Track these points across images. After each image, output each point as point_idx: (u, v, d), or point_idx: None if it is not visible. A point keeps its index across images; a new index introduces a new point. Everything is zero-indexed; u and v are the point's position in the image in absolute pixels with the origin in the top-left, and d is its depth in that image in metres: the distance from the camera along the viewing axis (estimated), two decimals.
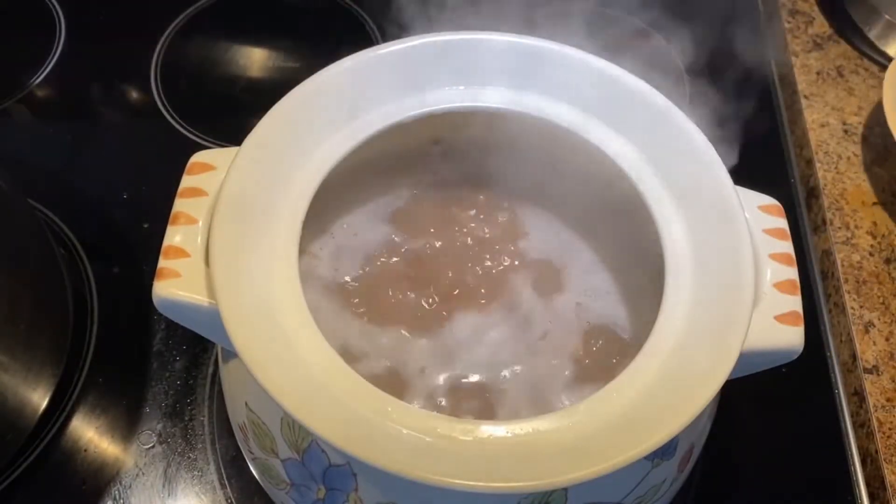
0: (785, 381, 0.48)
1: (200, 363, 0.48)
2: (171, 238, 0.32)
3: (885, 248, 0.54)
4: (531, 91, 0.37)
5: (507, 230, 0.44)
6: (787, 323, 0.31)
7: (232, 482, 0.44)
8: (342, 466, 0.31)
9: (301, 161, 0.34)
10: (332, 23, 0.65)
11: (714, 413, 0.37)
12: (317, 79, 0.36)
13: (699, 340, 0.30)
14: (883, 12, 0.64)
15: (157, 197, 0.48)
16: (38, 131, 0.58)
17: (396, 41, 0.37)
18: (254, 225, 0.32)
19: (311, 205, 0.33)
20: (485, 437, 0.28)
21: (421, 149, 0.39)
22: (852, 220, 0.55)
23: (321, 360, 0.29)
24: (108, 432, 0.45)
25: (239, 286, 0.30)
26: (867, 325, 0.50)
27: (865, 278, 0.52)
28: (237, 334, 0.29)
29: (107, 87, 0.61)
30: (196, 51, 0.63)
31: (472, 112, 0.37)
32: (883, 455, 0.46)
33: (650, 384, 0.29)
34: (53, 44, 0.62)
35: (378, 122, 0.36)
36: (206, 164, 0.34)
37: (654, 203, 0.34)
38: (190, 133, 0.58)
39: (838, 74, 0.63)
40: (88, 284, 0.50)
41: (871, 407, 0.47)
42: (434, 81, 0.37)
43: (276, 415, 0.32)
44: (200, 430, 0.45)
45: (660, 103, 0.36)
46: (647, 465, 0.32)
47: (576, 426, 0.28)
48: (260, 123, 0.34)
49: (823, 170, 0.58)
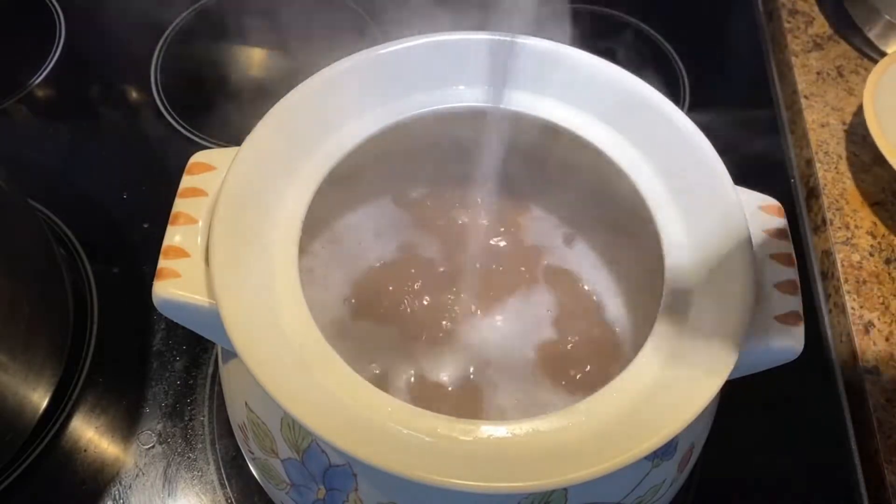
0: (785, 381, 0.48)
1: (200, 363, 0.48)
2: (170, 238, 0.32)
3: (885, 248, 0.54)
4: (531, 91, 0.37)
5: (507, 230, 0.44)
6: (787, 323, 0.31)
7: (232, 482, 0.44)
8: (342, 466, 0.31)
9: (301, 161, 0.34)
10: (333, 23, 0.65)
11: (714, 413, 0.37)
12: (317, 79, 0.36)
13: (699, 340, 0.30)
14: (883, 12, 0.64)
15: (157, 197, 0.48)
16: (38, 131, 0.58)
17: (397, 41, 0.37)
18: (254, 225, 0.32)
19: (311, 205, 0.33)
20: (485, 437, 0.28)
21: (421, 149, 0.39)
22: (852, 220, 0.55)
23: (321, 360, 0.29)
24: (108, 432, 0.45)
25: (239, 286, 0.30)
26: (867, 325, 0.50)
27: (865, 278, 0.52)
28: (237, 334, 0.29)
29: (107, 87, 0.61)
30: (196, 51, 0.63)
31: (471, 112, 0.37)
32: (883, 455, 0.46)
33: (650, 384, 0.29)
34: (53, 44, 0.62)
35: (378, 121, 0.36)
36: (206, 164, 0.34)
37: (654, 203, 0.34)
38: (190, 133, 0.58)
39: (838, 74, 0.63)
40: (88, 284, 0.50)
41: (871, 407, 0.47)
42: (434, 81, 0.37)
43: (276, 415, 0.32)
44: (200, 430, 0.45)
45: (659, 103, 0.36)
46: (647, 465, 0.32)
47: (576, 426, 0.28)
48: (260, 123, 0.34)
49: (823, 170, 0.58)
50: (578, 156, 0.37)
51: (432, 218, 0.44)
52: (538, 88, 0.37)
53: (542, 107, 0.37)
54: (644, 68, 0.38)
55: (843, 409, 0.49)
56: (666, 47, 0.66)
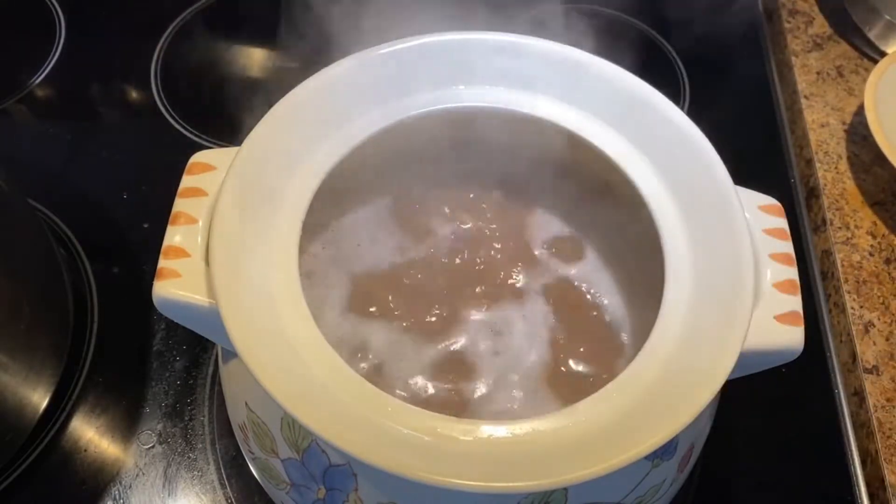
0: (785, 381, 0.48)
1: (200, 363, 0.48)
2: (171, 238, 0.32)
3: (885, 248, 0.54)
4: (531, 91, 0.37)
5: (507, 229, 0.44)
6: (787, 323, 0.31)
7: (232, 482, 0.44)
8: (342, 466, 0.31)
9: (301, 161, 0.34)
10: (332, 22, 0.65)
11: (714, 413, 0.37)
12: (317, 78, 0.36)
13: (699, 340, 0.30)
14: (883, 12, 0.64)
15: (157, 197, 0.48)
16: (38, 131, 0.58)
17: (397, 41, 0.37)
18: (254, 225, 0.32)
19: (311, 205, 0.33)
20: (485, 438, 0.28)
21: (421, 148, 0.39)
22: (852, 220, 0.55)
23: (321, 360, 0.29)
24: (108, 432, 0.45)
25: (239, 286, 0.30)
26: (867, 325, 0.50)
27: (865, 278, 0.52)
28: (237, 334, 0.29)
29: (107, 87, 0.61)
30: (196, 51, 0.63)
31: (471, 112, 0.37)
32: (883, 455, 0.46)
33: (650, 384, 0.29)
34: (53, 44, 0.62)
35: (378, 121, 0.36)
36: (206, 164, 0.34)
37: (653, 203, 0.34)
38: (190, 133, 0.58)
39: (838, 74, 0.63)
40: (88, 284, 0.50)
41: (871, 407, 0.47)
42: (434, 81, 0.37)
43: (276, 415, 0.32)
44: (200, 430, 0.45)
45: (660, 103, 0.36)
46: (647, 465, 0.32)
47: (576, 426, 0.28)
48: (260, 123, 0.34)
49: (823, 170, 0.58)
50: (578, 155, 0.37)
51: (433, 218, 0.44)
52: (538, 88, 0.37)
53: (542, 106, 0.37)
54: (644, 68, 0.38)
55: (843, 409, 0.49)
56: (666, 47, 0.66)
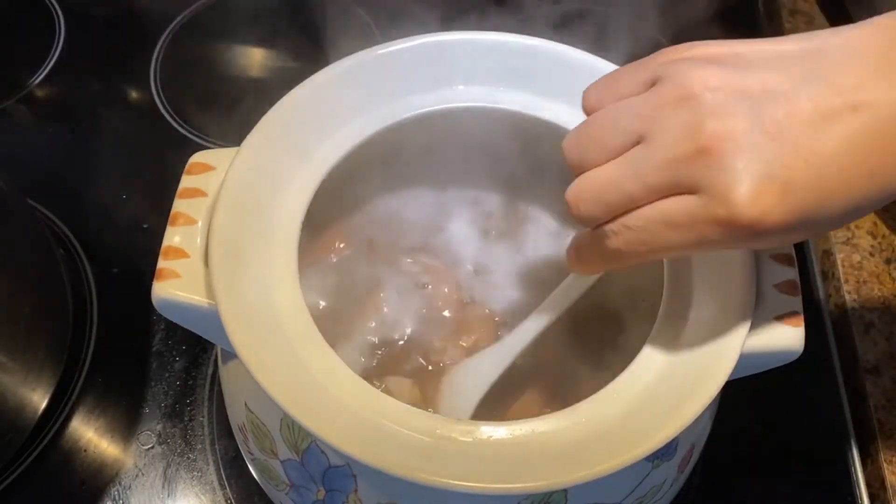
0: (785, 382, 0.48)
1: (200, 363, 0.48)
2: (170, 238, 0.32)
3: (886, 248, 0.54)
4: (529, 90, 0.37)
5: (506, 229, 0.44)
6: (788, 323, 0.31)
7: (232, 482, 0.44)
8: (342, 467, 0.31)
9: (301, 161, 0.34)
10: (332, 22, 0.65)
11: (714, 414, 0.37)
12: (316, 79, 0.36)
13: (699, 341, 0.30)
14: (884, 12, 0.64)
15: (157, 197, 0.48)
16: (38, 131, 0.58)
17: (395, 41, 0.37)
18: (253, 225, 0.32)
19: (310, 205, 0.33)
20: (484, 438, 0.28)
21: (420, 148, 0.39)
22: None
23: (320, 361, 0.29)
24: (108, 432, 0.45)
25: (238, 286, 0.30)
26: (867, 326, 0.50)
27: (866, 278, 0.52)
28: (236, 335, 0.29)
29: (107, 87, 0.61)
30: (196, 51, 0.63)
31: (471, 112, 0.37)
32: (883, 455, 0.46)
33: (650, 385, 0.29)
34: (53, 44, 0.62)
35: (378, 121, 0.36)
36: (206, 165, 0.34)
37: None
38: (190, 133, 0.58)
39: None
40: (88, 284, 0.50)
41: (872, 407, 0.47)
42: (434, 81, 0.37)
43: (275, 415, 0.32)
44: (200, 431, 0.45)
45: None
46: (648, 465, 0.32)
47: (576, 427, 0.28)
48: (259, 124, 0.34)
49: None
50: None
51: (433, 218, 0.44)
52: (537, 88, 0.37)
53: (542, 106, 0.37)
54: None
55: (843, 409, 0.49)
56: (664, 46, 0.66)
